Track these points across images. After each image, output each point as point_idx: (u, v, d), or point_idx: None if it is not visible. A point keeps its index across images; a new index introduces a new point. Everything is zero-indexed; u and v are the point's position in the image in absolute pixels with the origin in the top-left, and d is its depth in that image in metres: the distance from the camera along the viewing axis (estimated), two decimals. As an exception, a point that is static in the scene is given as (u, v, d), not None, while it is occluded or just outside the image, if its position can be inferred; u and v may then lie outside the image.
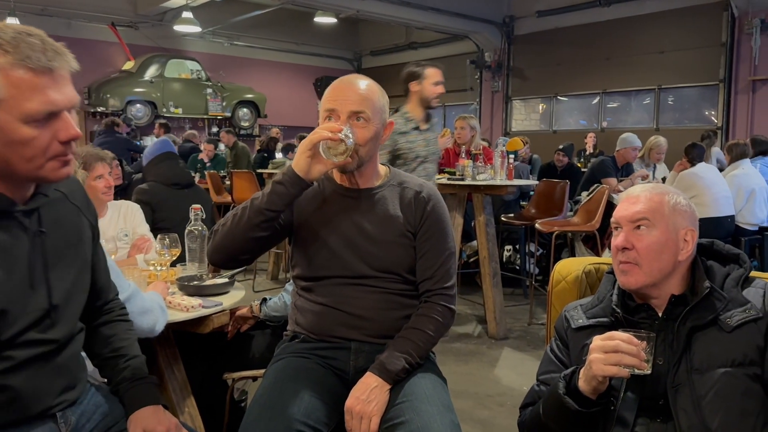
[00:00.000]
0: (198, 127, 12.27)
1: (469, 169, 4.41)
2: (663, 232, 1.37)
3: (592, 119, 10.82)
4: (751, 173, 5.37)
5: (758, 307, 1.31)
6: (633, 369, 1.23)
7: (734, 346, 1.28)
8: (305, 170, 1.51)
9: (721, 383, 1.26)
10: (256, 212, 1.53)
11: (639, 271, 1.36)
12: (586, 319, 1.46)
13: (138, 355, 1.47)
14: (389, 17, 10.54)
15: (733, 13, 8.54)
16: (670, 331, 1.35)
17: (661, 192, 1.42)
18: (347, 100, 1.58)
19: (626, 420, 1.32)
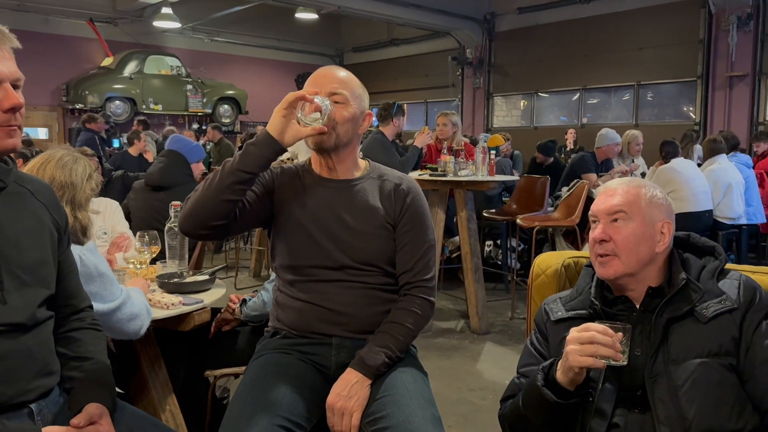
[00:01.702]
0: (178, 124, 12.16)
1: (450, 165, 4.43)
2: (640, 225, 1.39)
3: (572, 115, 10.90)
4: (727, 168, 5.45)
5: (733, 299, 1.33)
6: (609, 360, 1.24)
7: (710, 337, 1.30)
8: (279, 131, 1.50)
9: (698, 373, 1.28)
10: (228, 173, 1.51)
11: (617, 261, 1.38)
12: (565, 311, 1.47)
13: (103, 362, 1.45)
14: (371, 13, 10.53)
15: (710, 10, 8.65)
16: (647, 322, 1.36)
17: (638, 185, 1.44)
18: (326, 83, 1.61)
19: (604, 411, 1.33)
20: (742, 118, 8.57)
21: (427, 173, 4.53)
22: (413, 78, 13.12)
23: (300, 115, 1.50)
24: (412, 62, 13.18)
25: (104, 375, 1.42)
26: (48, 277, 1.35)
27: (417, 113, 13.06)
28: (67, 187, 1.71)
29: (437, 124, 5.31)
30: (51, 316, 1.37)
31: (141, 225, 3.04)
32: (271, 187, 1.68)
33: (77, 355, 1.42)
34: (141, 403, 2.04)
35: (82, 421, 1.27)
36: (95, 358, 1.43)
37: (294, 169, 1.73)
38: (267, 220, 1.70)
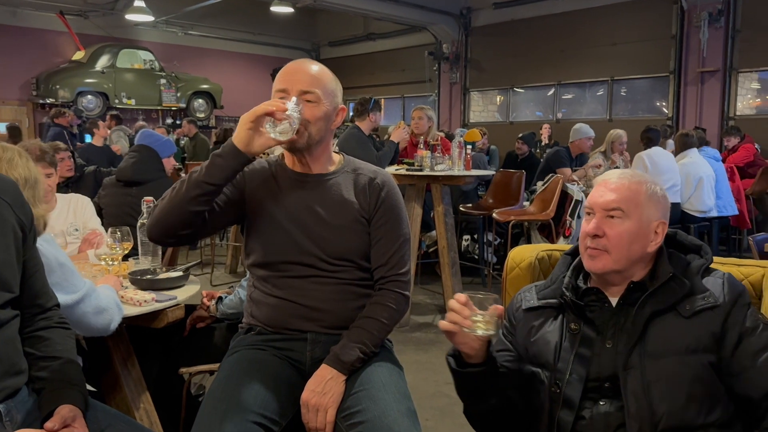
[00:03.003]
0: (152, 119, 12.01)
1: (427, 159, 4.43)
2: (635, 223, 1.36)
3: (547, 110, 10.99)
4: (698, 162, 5.55)
5: (717, 296, 1.32)
6: (474, 330, 1.25)
7: (690, 333, 1.30)
8: (246, 143, 1.47)
9: (672, 370, 1.28)
10: (193, 185, 1.49)
11: (607, 257, 1.36)
12: (537, 300, 1.47)
13: (73, 361, 1.42)
14: (346, 7, 10.49)
15: (682, 6, 8.77)
16: (623, 315, 1.36)
17: (639, 181, 1.40)
18: (298, 80, 1.58)
19: (572, 401, 1.34)
20: (714, 113, 8.72)
21: (403, 168, 4.54)
22: (390, 73, 13.11)
23: (269, 127, 1.47)
24: (388, 57, 13.16)
25: (74, 375, 1.39)
26: (11, 279, 1.32)
27: (394, 108, 13.06)
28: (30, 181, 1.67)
29: (412, 118, 5.30)
30: (16, 316, 1.34)
31: (113, 221, 3.00)
32: (242, 188, 1.66)
33: (45, 354, 1.39)
34: (114, 401, 2.01)
35: (57, 424, 1.24)
36: (64, 357, 1.40)
37: (266, 165, 1.71)
38: (239, 219, 1.69)
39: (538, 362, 1.42)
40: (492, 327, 1.26)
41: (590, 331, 1.38)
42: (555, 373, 1.36)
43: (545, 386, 1.39)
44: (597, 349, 1.36)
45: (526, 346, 1.46)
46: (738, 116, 8.64)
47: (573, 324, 1.39)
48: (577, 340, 1.38)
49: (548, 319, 1.44)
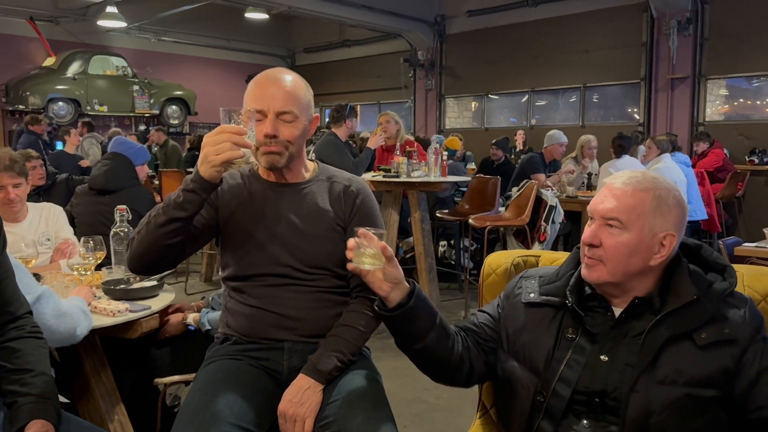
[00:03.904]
0: (124, 126, 11.85)
1: (404, 166, 4.45)
2: (635, 235, 1.26)
3: (521, 117, 11.09)
4: (671, 167, 5.64)
5: (735, 328, 1.23)
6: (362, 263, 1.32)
7: (702, 365, 1.22)
8: (215, 177, 1.43)
9: (679, 401, 1.21)
10: (167, 221, 1.47)
11: (603, 268, 1.28)
12: (538, 294, 1.40)
13: (45, 373, 1.39)
14: (322, 14, 10.48)
15: (652, 14, 8.93)
16: (623, 329, 1.29)
17: (647, 188, 1.28)
18: (274, 99, 1.56)
19: (555, 413, 1.29)
20: (684, 119, 8.88)
21: (380, 174, 4.55)
22: (366, 79, 13.13)
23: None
24: (364, 63, 13.18)
25: (47, 388, 1.36)
26: None
27: (370, 115, 13.07)
28: None
29: (379, 123, 5.31)
30: None
31: (86, 230, 2.96)
32: (216, 206, 1.64)
33: (17, 367, 1.36)
34: (87, 413, 1.98)
35: None
36: (36, 369, 1.37)
37: (239, 178, 1.70)
38: (213, 232, 1.67)
39: (526, 364, 1.37)
40: (379, 261, 1.32)
41: (586, 340, 1.31)
42: (542, 381, 1.31)
43: (529, 392, 1.34)
44: (590, 360, 1.29)
45: (514, 340, 1.40)
46: (707, 122, 8.82)
47: (570, 330, 1.33)
48: (570, 348, 1.31)
49: (545, 319, 1.37)
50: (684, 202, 1.33)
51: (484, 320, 1.49)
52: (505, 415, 1.44)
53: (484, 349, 1.47)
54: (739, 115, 8.73)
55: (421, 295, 1.40)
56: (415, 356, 1.45)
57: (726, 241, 3.73)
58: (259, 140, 1.55)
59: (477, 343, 1.47)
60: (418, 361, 1.46)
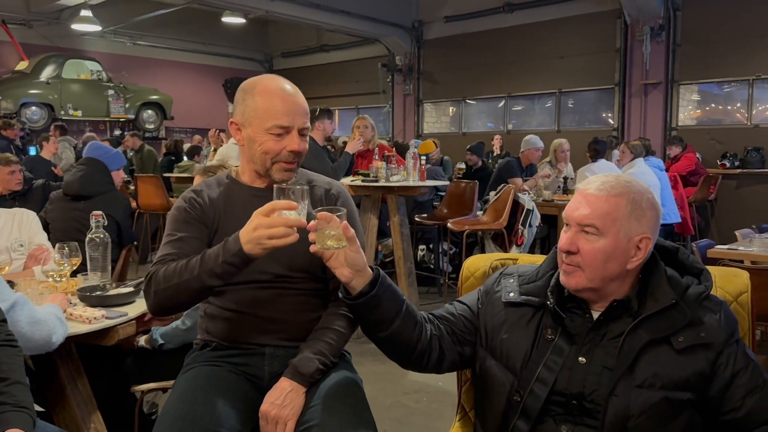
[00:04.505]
0: (99, 130, 11.70)
1: (382, 171, 4.46)
2: (612, 240, 1.27)
3: (498, 122, 11.18)
4: (645, 171, 5.73)
5: (711, 332, 1.25)
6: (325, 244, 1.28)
7: (679, 368, 1.24)
8: (260, 255, 1.39)
9: (656, 404, 1.22)
10: (203, 288, 1.45)
11: (581, 274, 1.29)
12: (518, 294, 1.40)
13: (20, 382, 1.38)
14: (299, 19, 10.46)
15: (625, 20, 9.07)
16: (601, 331, 1.30)
17: (621, 193, 1.28)
18: (298, 116, 1.59)
19: (531, 412, 1.29)
20: (657, 124, 9.03)
21: (359, 179, 4.55)
22: (344, 84, 13.13)
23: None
24: (342, 68, 13.19)
25: (22, 396, 1.35)
26: None
27: (349, 119, 13.06)
28: None
29: (357, 127, 5.28)
30: None
31: (60, 236, 2.92)
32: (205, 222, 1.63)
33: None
34: (63, 421, 1.95)
35: None
36: (11, 378, 1.35)
37: (215, 187, 1.68)
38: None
39: (503, 362, 1.37)
40: (341, 242, 1.29)
41: (565, 341, 1.32)
42: (519, 381, 1.31)
43: (505, 390, 1.34)
44: (568, 361, 1.30)
45: (492, 336, 1.40)
46: (680, 127, 8.98)
47: (549, 331, 1.33)
48: (549, 349, 1.32)
49: (524, 318, 1.37)
50: (657, 204, 1.34)
51: (462, 311, 1.48)
52: (482, 412, 1.44)
53: (459, 339, 1.46)
54: (711, 120, 8.91)
55: (386, 282, 1.36)
56: (380, 343, 1.42)
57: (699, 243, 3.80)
58: (282, 155, 1.57)
59: (452, 332, 1.46)
60: (383, 348, 1.44)
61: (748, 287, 1.48)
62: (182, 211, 1.64)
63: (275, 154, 1.57)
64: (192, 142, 10.55)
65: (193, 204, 1.64)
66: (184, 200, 1.66)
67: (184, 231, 1.60)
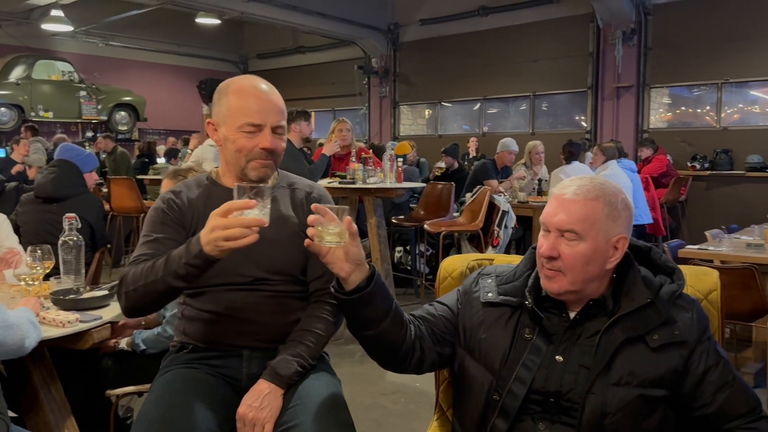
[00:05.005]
0: (71, 132, 11.52)
1: (359, 172, 4.47)
2: (592, 243, 1.29)
3: (474, 124, 11.26)
4: (618, 173, 5.82)
5: (684, 330, 1.28)
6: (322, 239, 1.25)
7: (654, 366, 1.26)
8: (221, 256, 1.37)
9: (632, 402, 1.25)
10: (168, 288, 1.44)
11: (563, 279, 1.30)
12: (497, 294, 1.42)
13: None
14: (274, 20, 10.42)
15: (598, 24, 9.21)
16: (577, 330, 1.32)
17: (597, 196, 1.30)
18: (271, 113, 1.57)
19: (509, 411, 1.31)
20: (629, 126, 9.17)
21: (336, 181, 4.55)
22: (320, 86, 13.11)
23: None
24: (318, 70, 13.16)
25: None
26: None
27: (325, 121, 13.03)
28: None
29: (339, 130, 5.24)
30: None
31: (32, 239, 2.88)
32: (182, 224, 1.62)
33: None
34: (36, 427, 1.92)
35: None
36: None
37: (195, 188, 1.67)
38: None
39: (482, 361, 1.38)
40: (343, 238, 1.25)
41: (542, 341, 1.34)
42: (497, 380, 1.33)
43: (484, 390, 1.35)
44: (546, 360, 1.32)
45: (471, 336, 1.42)
46: (651, 129, 9.13)
47: (527, 330, 1.35)
48: (527, 348, 1.33)
49: (502, 318, 1.39)
50: (631, 203, 1.36)
51: (443, 312, 1.49)
52: (460, 412, 1.45)
53: (439, 340, 1.46)
54: (681, 123, 9.08)
55: (380, 280, 1.35)
56: (366, 342, 1.40)
57: (670, 244, 3.88)
58: (254, 153, 1.56)
59: (432, 333, 1.46)
60: (368, 347, 1.42)
61: (718, 286, 1.52)
62: (159, 212, 1.63)
63: (248, 151, 1.56)
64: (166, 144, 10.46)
65: (171, 205, 1.63)
66: (162, 201, 1.65)
67: (160, 232, 1.59)
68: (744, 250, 3.67)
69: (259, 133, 1.55)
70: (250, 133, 1.55)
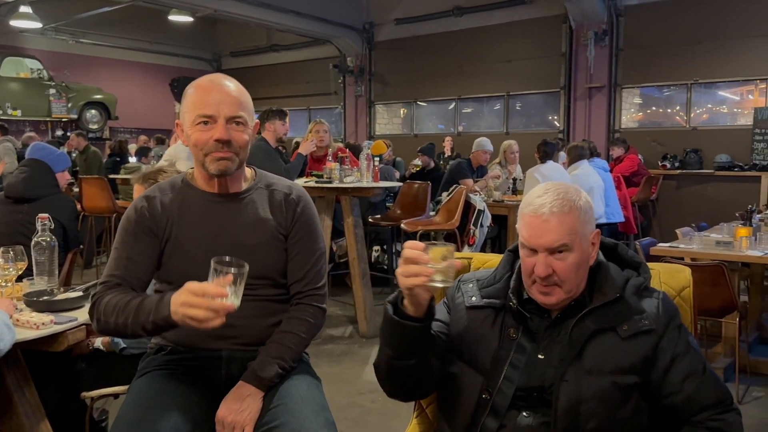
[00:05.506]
0: (40, 131, 11.30)
1: (336, 172, 4.46)
2: (579, 251, 1.34)
3: (449, 124, 11.32)
4: (589, 172, 5.91)
5: (652, 319, 1.34)
6: (434, 279, 1.21)
7: (625, 354, 1.31)
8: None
9: (605, 389, 1.29)
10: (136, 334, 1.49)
11: (560, 291, 1.34)
12: (480, 297, 1.44)
13: None
14: (248, 18, 10.33)
15: (570, 25, 9.33)
16: (558, 328, 1.36)
17: (570, 208, 1.34)
18: (224, 104, 1.54)
19: (500, 409, 1.34)
20: (601, 126, 9.31)
21: (312, 180, 4.54)
22: (295, 85, 13.05)
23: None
24: (293, 69, 13.10)
25: None
26: None
27: (300, 120, 13.00)
28: None
29: (316, 131, 5.22)
30: None
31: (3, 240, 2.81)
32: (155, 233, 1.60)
33: None
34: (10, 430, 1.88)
35: None
36: None
37: (169, 192, 1.64)
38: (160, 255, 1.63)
39: (472, 364, 1.40)
40: (450, 278, 1.24)
41: (526, 340, 1.37)
42: (488, 380, 1.36)
43: (474, 389, 1.38)
44: (530, 359, 1.36)
45: (459, 341, 1.44)
46: (623, 129, 9.28)
47: (512, 330, 1.38)
48: (512, 348, 1.37)
49: (487, 320, 1.42)
50: (588, 198, 1.41)
51: (439, 328, 1.47)
52: (450, 413, 1.45)
53: (442, 358, 1.45)
54: (652, 123, 9.25)
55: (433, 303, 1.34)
56: (400, 371, 1.38)
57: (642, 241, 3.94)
58: (209, 145, 1.53)
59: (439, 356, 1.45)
60: (399, 376, 1.40)
61: (690, 282, 1.56)
62: (132, 222, 1.60)
63: (203, 144, 1.53)
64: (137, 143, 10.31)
65: (142, 213, 1.60)
66: (135, 209, 1.62)
67: (132, 246, 1.57)
68: (713, 248, 3.75)
69: (213, 125, 1.53)
70: (204, 124, 1.53)
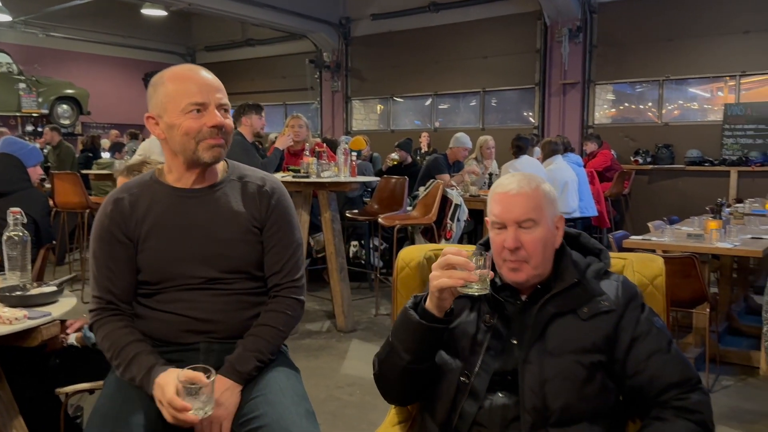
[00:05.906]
0: (10, 126, 11.06)
1: (313, 166, 4.46)
2: (544, 226, 1.40)
3: (425, 119, 11.36)
4: (563, 167, 5.99)
5: (612, 299, 1.39)
6: (469, 285, 1.28)
7: (586, 334, 1.36)
8: None
9: (568, 368, 1.34)
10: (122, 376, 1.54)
11: (528, 267, 1.39)
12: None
13: None
14: (223, 12, 10.23)
15: (545, 22, 9.41)
16: (527, 312, 1.41)
17: (536, 186, 1.43)
18: (212, 91, 1.53)
19: (478, 393, 1.39)
20: (575, 122, 9.42)
21: (290, 175, 4.52)
22: (271, 79, 12.97)
23: None
24: (269, 63, 13.02)
25: None
26: None
27: (276, 115, 12.93)
28: None
29: (291, 126, 5.21)
30: None
31: (-27, 236, 2.75)
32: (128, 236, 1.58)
33: None
34: (-18, 429, 1.85)
35: None
36: None
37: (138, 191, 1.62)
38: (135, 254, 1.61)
39: (451, 350, 1.45)
40: (487, 285, 1.30)
41: (501, 325, 1.42)
42: (467, 365, 1.40)
43: (454, 374, 1.42)
44: (505, 343, 1.41)
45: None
46: (596, 125, 9.39)
47: (488, 317, 1.43)
48: (489, 334, 1.42)
49: (465, 308, 1.47)
50: (552, 187, 1.49)
51: None
52: (430, 399, 1.48)
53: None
54: (625, 119, 9.38)
55: None
56: (416, 375, 1.43)
57: (615, 235, 4.01)
58: (203, 132, 1.52)
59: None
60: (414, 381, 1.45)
61: (663, 271, 1.59)
62: (104, 229, 1.58)
63: (196, 132, 1.51)
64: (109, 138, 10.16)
65: (113, 217, 1.58)
66: (104, 214, 1.59)
67: (107, 253, 1.57)
68: (684, 240, 3.82)
69: (204, 112, 1.52)
70: (196, 112, 1.51)
